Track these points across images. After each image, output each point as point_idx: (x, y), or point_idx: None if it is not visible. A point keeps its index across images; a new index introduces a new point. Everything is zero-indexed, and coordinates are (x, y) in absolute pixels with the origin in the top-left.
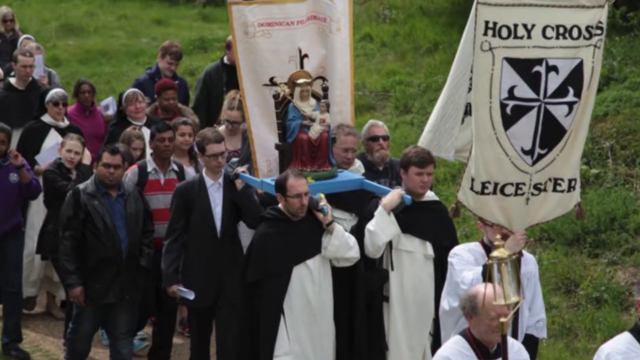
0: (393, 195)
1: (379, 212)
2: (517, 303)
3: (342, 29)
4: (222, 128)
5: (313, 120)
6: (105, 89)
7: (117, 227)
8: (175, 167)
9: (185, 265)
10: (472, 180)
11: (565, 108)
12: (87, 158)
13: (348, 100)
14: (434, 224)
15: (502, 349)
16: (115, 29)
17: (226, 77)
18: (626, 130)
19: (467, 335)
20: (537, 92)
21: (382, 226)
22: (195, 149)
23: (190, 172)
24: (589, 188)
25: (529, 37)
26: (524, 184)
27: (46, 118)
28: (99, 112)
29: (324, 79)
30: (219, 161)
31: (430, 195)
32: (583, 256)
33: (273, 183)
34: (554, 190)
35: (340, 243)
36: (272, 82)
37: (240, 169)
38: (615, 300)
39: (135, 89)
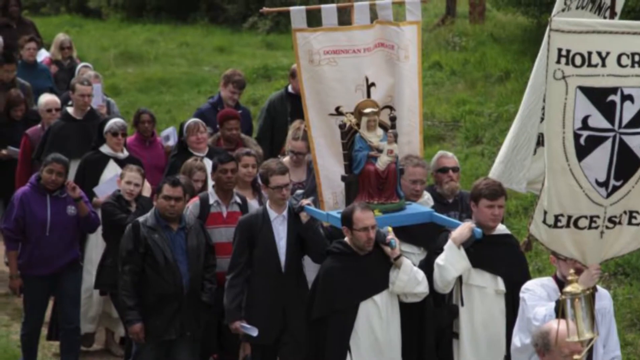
0: (463, 229)
1: (449, 246)
2: (591, 340)
3: (410, 57)
4: (286, 159)
5: (380, 151)
6: (166, 119)
7: (178, 261)
8: (238, 200)
9: (248, 301)
10: (545, 213)
11: None
12: (147, 190)
13: (416, 131)
14: (505, 258)
15: None
16: (176, 56)
17: (290, 106)
18: None
19: None
20: (611, 122)
21: (451, 260)
22: (259, 180)
23: (253, 204)
24: None
25: (604, 65)
26: (598, 216)
27: (105, 149)
28: (160, 143)
29: (391, 108)
30: (283, 193)
31: (501, 229)
32: None
33: (339, 216)
34: (629, 223)
35: (409, 278)
36: (338, 112)
37: (305, 202)
38: None
39: (197, 119)
